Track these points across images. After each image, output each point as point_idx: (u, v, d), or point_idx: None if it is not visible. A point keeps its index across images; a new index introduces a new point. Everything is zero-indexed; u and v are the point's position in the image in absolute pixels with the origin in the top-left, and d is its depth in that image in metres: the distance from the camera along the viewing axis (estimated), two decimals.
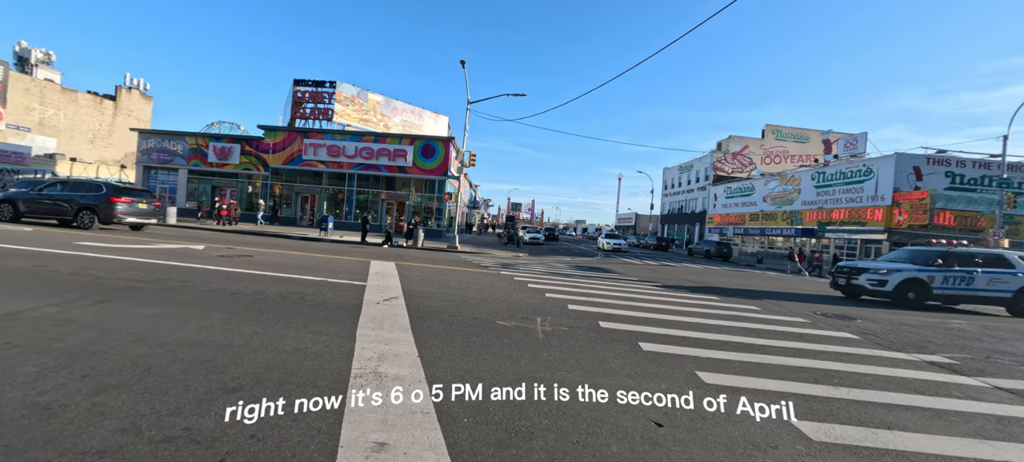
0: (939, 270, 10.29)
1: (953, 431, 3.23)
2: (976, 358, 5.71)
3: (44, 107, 43.54)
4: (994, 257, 10.55)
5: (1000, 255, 10.57)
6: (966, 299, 10.37)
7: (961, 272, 10.18)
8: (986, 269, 10.24)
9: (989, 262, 10.40)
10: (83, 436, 2.18)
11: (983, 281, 10.14)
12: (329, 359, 3.59)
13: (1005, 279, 10.13)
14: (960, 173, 24.09)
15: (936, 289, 10.16)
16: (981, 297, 10.29)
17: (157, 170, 29.10)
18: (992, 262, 10.40)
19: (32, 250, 8.20)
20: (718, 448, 2.64)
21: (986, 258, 10.48)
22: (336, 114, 37.46)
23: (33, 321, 3.95)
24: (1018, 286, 10.07)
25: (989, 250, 10.91)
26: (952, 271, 10.25)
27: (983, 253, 10.65)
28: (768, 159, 46.24)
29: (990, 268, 10.27)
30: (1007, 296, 10.11)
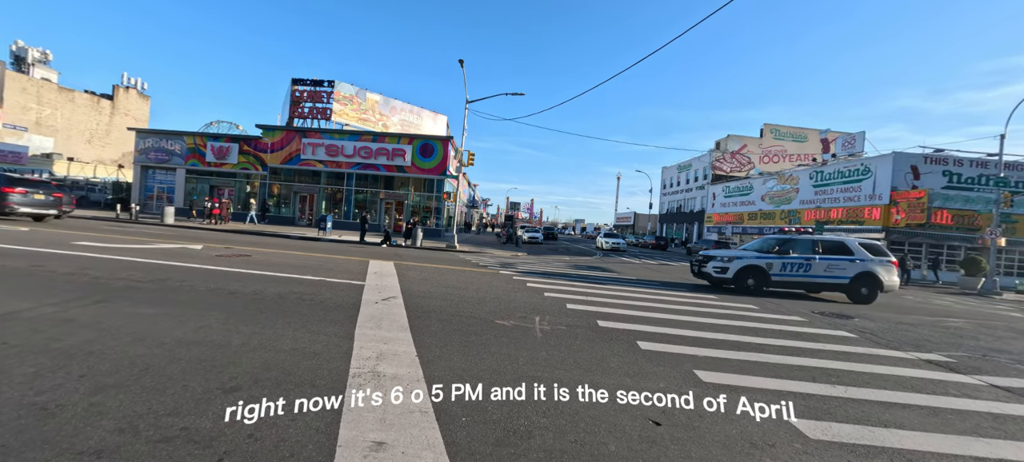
0: (777, 257, 10.50)
1: (950, 429, 3.24)
2: (973, 356, 5.73)
3: (41, 106, 43.37)
4: (835, 245, 10.72)
5: (841, 243, 10.73)
6: (804, 285, 10.57)
7: (799, 259, 10.42)
8: (825, 256, 10.45)
9: (829, 249, 10.59)
10: (80, 436, 2.18)
11: (821, 268, 10.37)
12: (327, 359, 3.59)
13: (843, 266, 10.34)
14: (957, 172, 24.15)
15: (774, 276, 10.37)
16: (819, 284, 10.51)
17: (155, 170, 29.01)
18: (832, 249, 10.60)
19: (30, 250, 8.17)
20: (716, 447, 2.65)
21: (826, 246, 10.66)
22: (334, 113, 37.40)
23: (31, 321, 3.94)
24: (855, 272, 10.27)
25: (830, 238, 10.97)
26: (789, 258, 10.47)
27: (824, 240, 10.81)
28: (766, 158, 46.33)
29: (829, 255, 10.47)
30: (844, 282, 10.34)
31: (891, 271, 10.40)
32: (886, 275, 10.31)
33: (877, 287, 10.27)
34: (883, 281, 10.27)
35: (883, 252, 10.70)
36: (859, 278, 10.27)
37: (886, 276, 10.30)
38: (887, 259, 10.51)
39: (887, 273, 10.34)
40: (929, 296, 15.29)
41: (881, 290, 10.34)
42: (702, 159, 48.90)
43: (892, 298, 13.06)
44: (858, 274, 10.28)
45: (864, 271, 10.29)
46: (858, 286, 10.27)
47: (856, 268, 10.30)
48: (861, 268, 10.31)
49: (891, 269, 10.42)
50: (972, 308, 12.20)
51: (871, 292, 10.26)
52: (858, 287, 10.27)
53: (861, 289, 10.26)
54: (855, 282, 10.28)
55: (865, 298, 10.24)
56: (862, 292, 10.26)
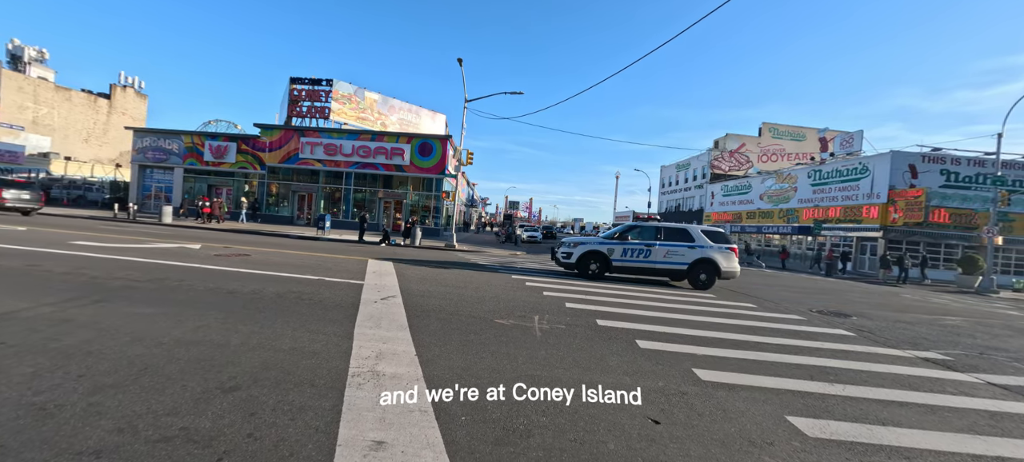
0: (618, 243, 10.78)
1: (947, 427, 3.26)
2: (970, 354, 5.76)
3: (37, 105, 43.20)
4: (676, 231, 10.95)
5: (683, 230, 10.96)
6: (645, 270, 10.82)
7: (639, 245, 10.70)
8: (664, 243, 10.70)
9: (670, 236, 10.83)
10: (79, 436, 2.18)
11: (660, 254, 10.63)
12: (326, 358, 3.59)
13: (682, 252, 10.56)
14: (955, 171, 24.23)
15: (615, 261, 10.65)
16: (659, 269, 10.75)
17: (152, 169, 28.92)
18: (673, 236, 10.84)
19: (26, 250, 8.15)
20: (714, 445, 2.65)
21: (668, 232, 10.91)
22: (333, 112, 37.32)
23: (28, 321, 3.93)
24: (693, 258, 10.48)
25: (673, 225, 11.23)
26: (629, 244, 10.75)
27: (667, 227, 11.06)
28: (765, 157, 46.38)
29: (669, 242, 10.72)
30: (682, 268, 10.57)
31: (730, 258, 10.59)
32: (724, 261, 10.50)
33: (715, 273, 10.47)
34: (721, 267, 10.44)
35: (725, 239, 10.93)
36: (697, 264, 10.50)
37: (724, 262, 10.49)
38: (726, 246, 10.70)
39: (726, 259, 10.53)
40: (926, 294, 15.34)
41: (719, 276, 10.53)
42: (701, 158, 48.93)
43: (890, 297, 13.11)
44: (697, 260, 10.50)
45: (703, 257, 10.52)
46: (697, 272, 10.50)
47: (695, 254, 10.53)
48: (699, 254, 10.54)
49: (730, 255, 10.60)
50: (969, 306, 12.25)
51: (709, 278, 10.46)
52: (697, 273, 10.50)
53: (700, 275, 10.48)
54: (694, 268, 10.51)
55: (703, 284, 10.45)
56: (701, 278, 10.51)
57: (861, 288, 15.67)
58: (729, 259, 10.53)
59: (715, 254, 10.47)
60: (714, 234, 10.92)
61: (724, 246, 10.65)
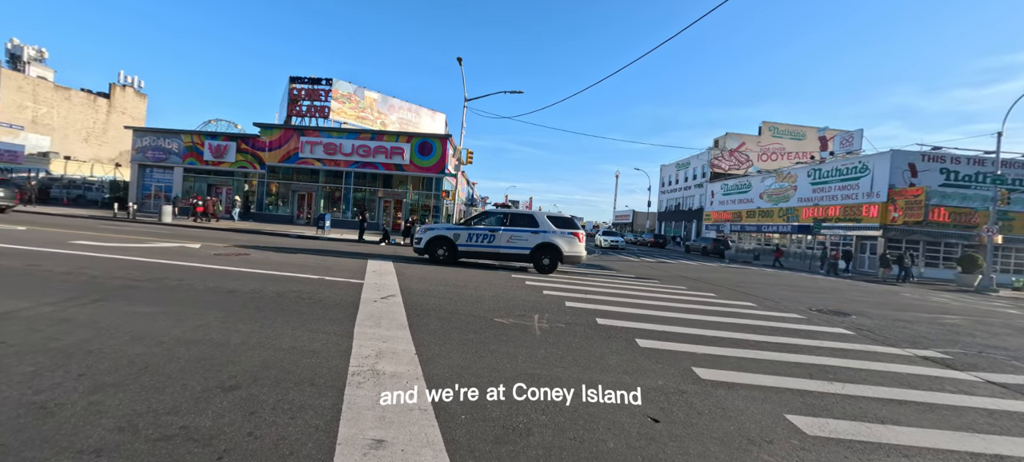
0: (464, 229, 11.13)
1: (946, 425, 3.26)
2: (969, 353, 5.77)
3: (37, 105, 43.16)
4: (522, 217, 11.26)
5: (530, 215, 11.27)
6: (491, 255, 11.08)
7: (484, 230, 10.99)
8: (509, 228, 10.98)
9: (516, 222, 11.11)
10: (80, 435, 2.18)
11: (504, 239, 10.89)
12: (326, 357, 3.60)
13: (525, 237, 10.83)
14: (955, 170, 24.23)
15: (461, 246, 10.95)
16: (504, 253, 11.02)
17: (152, 168, 28.90)
18: (519, 222, 11.12)
19: (27, 249, 8.15)
20: (713, 443, 2.66)
21: (514, 218, 11.22)
22: (332, 112, 37.29)
23: (29, 320, 3.93)
24: (536, 243, 10.77)
25: (519, 210, 11.59)
26: (475, 230, 11.07)
27: (513, 214, 11.39)
28: (765, 156, 46.38)
29: (515, 227, 10.99)
30: (526, 252, 10.85)
31: (573, 242, 10.85)
32: (566, 245, 10.81)
33: (557, 257, 10.78)
34: (563, 251, 10.75)
35: (570, 224, 11.16)
36: (540, 248, 10.80)
37: (566, 246, 10.80)
38: (569, 231, 10.96)
39: (568, 244, 10.83)
40: (926, 293, 15.36)
41: (561, 260, 10.84)
42: (700, 157, 48.93)
43: (890, 296, 13.12)
44: (539, 244, 10.79)
45: (545, 242, 10.80)
46: (540, 255, 10.82)
47: (537, 239, 10.81)
48: (542, 239, 10.82)
49: (573, 240, 10.86)
50: (969, 305, 12.26)
51: (552, 261, 10.80)
52: (540, 256, 10.80)
53: (543, 259, 10.80)
54: (536, 252, 10.81)
55: (546, 267, 10.79)
56: (544, 261, 10.82)
57: (861, 287, 15.68)
58: (571, 244, 10.83)
59: (557, 239, 10.78)
60: (558, 219, 11.27)
61: (567, 231, 10.95)
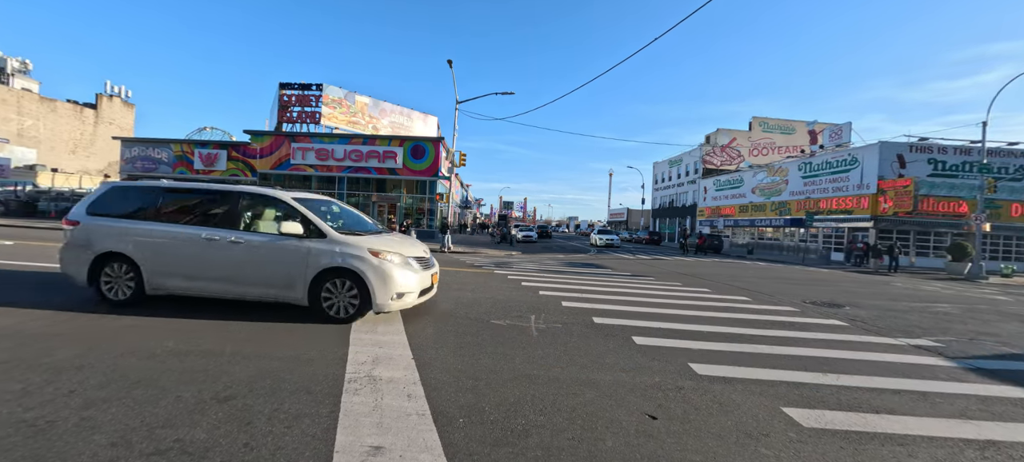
0: None
1: (939, 413, 3.30)
2: (960, 340, 5.84)
3: (22, 117, 42.50)
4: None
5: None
6: None
7: None
8: None
9: None
10: (73, 452, 2.15)
11: None
12: (323, 364, 3.57)
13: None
14: (942, 160, 24.59)
15: None
16: None
17: (142, 179, 28.60)
18: None
19: (14, 265, 8.01)
20: (711, 438, 2.67)
21: None
22: (324, 117, 37.05)
23: (17, 337, 3.86)
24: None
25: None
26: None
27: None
28: (756, 151, 46.75)
29: None
30: None
31: None
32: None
33: None
34: None
35: None
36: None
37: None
38: None
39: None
40: (918, 282, 15.55)
41: None
42: (692, 153, 49.23)
43: (881, 286, 13.25)
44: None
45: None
46: None
47: None
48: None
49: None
50: (959, 293, 12.43)
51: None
52: None
53: None
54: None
55: None
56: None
57: (853, 278, 15.84)
58: None
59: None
60: None
61: None
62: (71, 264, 5.30)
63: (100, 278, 5.20)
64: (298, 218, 5.12)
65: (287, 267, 4.98)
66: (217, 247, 5.05)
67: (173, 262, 5.11)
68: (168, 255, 5.11)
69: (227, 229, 5.13)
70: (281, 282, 5.00)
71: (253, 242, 5.07)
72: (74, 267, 5.26)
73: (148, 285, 5.12)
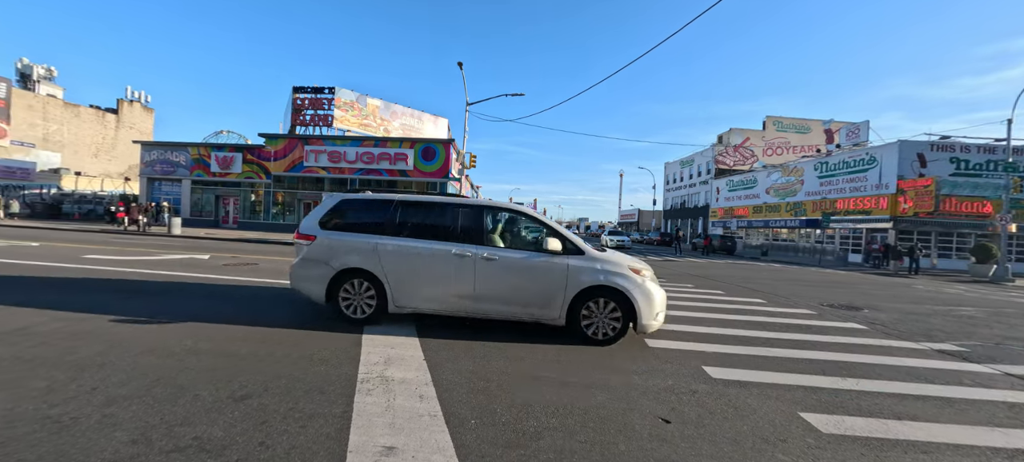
0: None
1: (965, 420, 3.20)
2: (986, 345, 5.66)
3: (47, 122, 43.88)
4: None
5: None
6: None
7: None
8: None
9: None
10: (95, 448, 2.20)
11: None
12: (336, 364, 3.60)
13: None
14: (965, 159, 23.88)
15: None
16: None
17: (161, 181, 29.27)
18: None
19: (40, 265, 8.27)
20: (727, 443, 2.62)
21: None
22: (336, 120, 37.49)
23: (42, 335, 3.98)
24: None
25: None
26: None
27: None
28: (770, 151, 45.99)
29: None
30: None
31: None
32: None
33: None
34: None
35: None
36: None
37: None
38: None
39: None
40: (940, 285, 15.11)
41: None
42: (705, 154, 48.63)
43: (902, 289, 12.91)
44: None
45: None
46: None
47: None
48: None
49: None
50: (984, 296, 12.04)
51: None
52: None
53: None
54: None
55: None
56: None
57: (872, 280, 15.47)
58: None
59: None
60: None
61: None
62: (307, 281, 5.04)
63: (339, 295, 4.94)
64: (557, 235, 4.86)
65: (546, 285, 4.68)
66: (467, 264, 4.75)
67: (419, 279, 4.83)
68: (414, 272, 4.83)
69: (476, 245, 4.83)
70: (539, 301, 4.70)
71: (510, 259, 4.76)
72: (310, 284, 5.01)
73: (392, 303, 4.86)
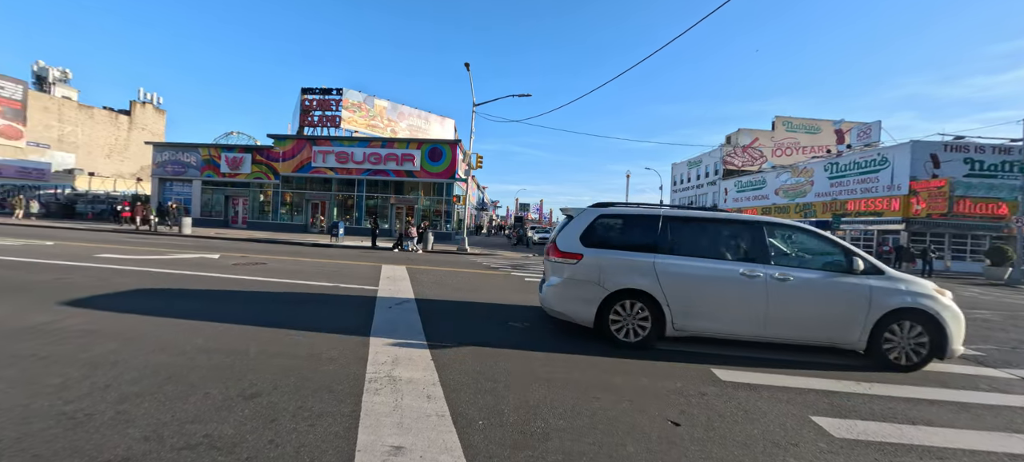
0: None
1: (981, 425, 3.13)
2: (1002, 349, 5.54)
3: (62, 124, 44.71)
4: None
5: None
6: None
7: None
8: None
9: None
10: (108, 444, 2.23)
11: None
12: (344, 364, 3.62)
13: None
14: (979, 159, 23.43)
15: None
16: None
17: (172, 182, 29.68)
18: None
19: (55, 264, 8.42)
20: (737, 447, 2.60)
21: None
22: (343, 121, 37.77)
23: (57, 333, 4.05)
24: None
25: None
26: None
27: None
28: (779, 151, 45.50)
29: None
30: None
31: None
32: None
33: None
34: None
35: None
36: None
37: None
38: None
39: None
40: (955, 287, 14.84)
41: None
42: (713, 154, 48.25)
43: None
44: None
45: None
46: None
47: None
48: None
49: None
50: (999, 299, 11.81)
51: None
52: None
53: None
54: None
55: None
56: None
57: None
58: None
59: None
60: None
61: None
62: (573, 302, 4.73)
63: (609, 317, 4.64)
64: (857, 254, 4.53)
65: (846, 308, 4.39)
66: (758, 285, 4.46)
67: (702, 301, 4.54)
68: (695, 292, 4.55)
69: (763, 264, 4.55)
70: (838, 324, 4.41)
71: (805, 280, 4.46)
72: (577, 306, 4.70)
73: (672, 326, 4.55)
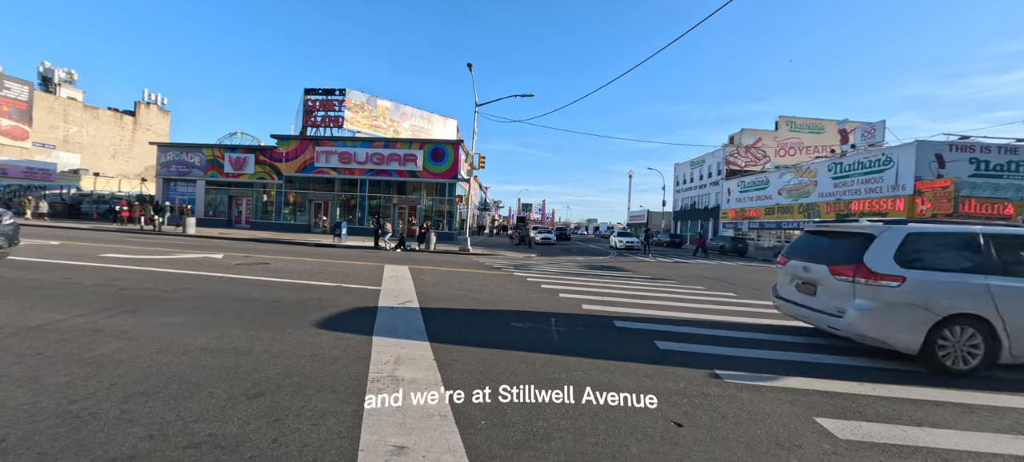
0: None
1: (986, 427, 3.11)
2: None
3: (67, 125, 45.04)
4: None
5: None
6: None
7: None
8: None
9: None
10: (113, 443, 2.25)
11: None
12: (346, 364, 3.63)
13: None
14: (985, 159, 23.28)
15: None
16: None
17: (176, 182, 29.84)
18: None
19: (60, 263, 8.48)
20: (740, 448, 2.59)
21: None
22: (346, 121, 37.88)
23: (63, 332, 4.08)
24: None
25: None
26: None
27: None
28: (782, 151, 45.34)
29: None
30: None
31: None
32: None
33: None
34: None
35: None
36: None
37: None
38: None
39: None
40: None
41: None
42: (715, 154, 48.12)
43: None
44: None
45: None
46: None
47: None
48: None
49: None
50: None
51: None
52: None
53: None
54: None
55: None
56: None
57: None
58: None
59: None
60: None
61: None
62: (894, 328, 4.37)
63: (937, 343, 4.34)
64: None
65: None
66: None
67: None
68: None
69: None
70: None
71: None
72: (900, 332, 4.35)
73: (1007, 353, 4.30)
